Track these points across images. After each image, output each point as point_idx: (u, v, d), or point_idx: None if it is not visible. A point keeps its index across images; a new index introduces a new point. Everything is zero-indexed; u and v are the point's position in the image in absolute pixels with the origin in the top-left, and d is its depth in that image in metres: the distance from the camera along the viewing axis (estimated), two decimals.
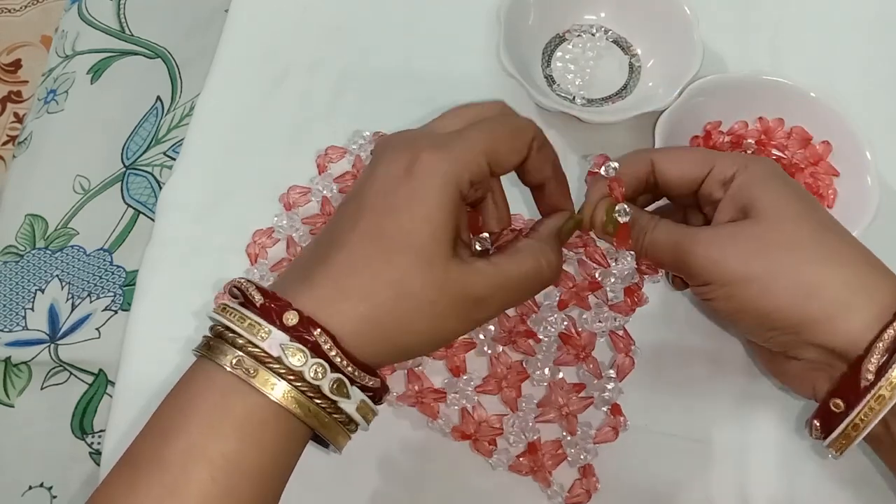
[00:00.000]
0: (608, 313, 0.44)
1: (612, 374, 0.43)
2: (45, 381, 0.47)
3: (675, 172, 0.41)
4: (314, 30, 0.56)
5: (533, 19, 0.53)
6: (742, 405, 0.44)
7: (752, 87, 0.50)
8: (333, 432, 0.33)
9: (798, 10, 0.57)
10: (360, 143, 0.50)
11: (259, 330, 0.31)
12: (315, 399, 0.31)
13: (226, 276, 0.46)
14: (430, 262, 0.33)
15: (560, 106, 0.49)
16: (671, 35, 0.52)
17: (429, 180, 0.34)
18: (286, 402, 0.31)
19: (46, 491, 0.45)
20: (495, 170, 0.37)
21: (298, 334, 0.31)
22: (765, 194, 0.38)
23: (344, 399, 0.32)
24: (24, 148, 0.56)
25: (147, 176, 0.53)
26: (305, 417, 0.31)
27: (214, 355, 0.32)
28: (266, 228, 0.48)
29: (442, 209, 0.33)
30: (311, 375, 0.31)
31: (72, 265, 0.50)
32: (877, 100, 0.53)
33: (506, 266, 0.36)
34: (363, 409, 0.33)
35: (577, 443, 0.42)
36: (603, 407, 0.43)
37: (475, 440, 0.42)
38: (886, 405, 0.33)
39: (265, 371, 0.31)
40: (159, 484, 0.29)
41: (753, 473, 0.42)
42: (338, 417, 0.32)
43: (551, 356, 0.43)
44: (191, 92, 0.56)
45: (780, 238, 0.37)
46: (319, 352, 0.32)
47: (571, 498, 0.41)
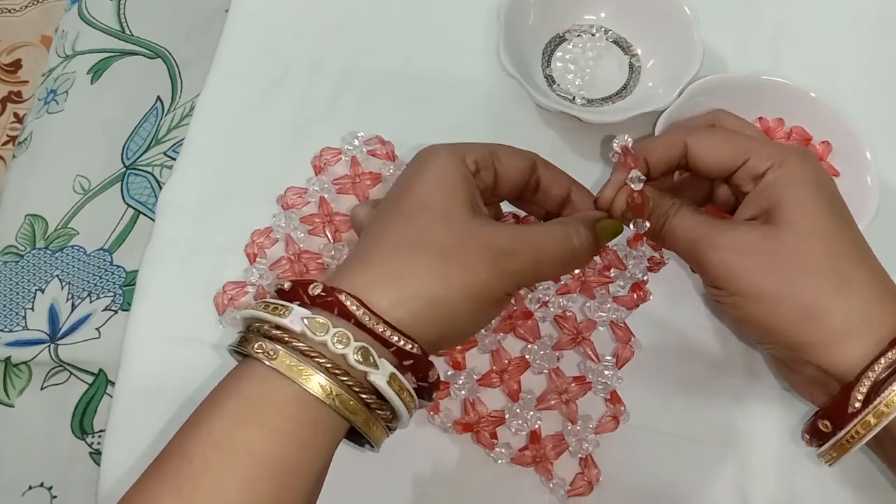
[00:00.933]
0: (611, 304, 0.44)
1: (609, 359, 0.43)
2: (45, 381, 0.47)
3: (709, 159, 0.39)
4: (314, 30, 0.56)
5: (533, 19, 0.53)
6: (742, 405, 0.44)
7: (752, 87, 0.50)
8: (361, 418, 0.31)
9: (798, 10, 0.57)
10: (355, 143, 0.50)
11: (282, 310, 0.32)
12: (340, 377, 0.30)
13: (226, 276, 0.46)
14: (449, 217, 0.35)
15: (560, 106, 0.49)
16: (671, 35, 0.52)
17: (433, 161, 0.36)
18: (307, 383, 0.30)
19: (46, 491, 0.45)
20: (500, 169, 0.38)
21: (323, 301, 0.32)
22: (792, 201, 0.37)
23: (373, 369, 0.31)
24: (24, 148, 0.56)
25: (147, 176, 0.53)
26: (327, 398, 0.30)
27: (242, 346, 0.32)
28: (264, 228, 0.48)
29: (451, 176, 0.36)
30: (333, 345, 0.30)
31: (72, 265, 0.50)
32: (877, 100, 0.53)
33: (533, 228, 0.37)
34: (396, 386, 0.31)
35: (578, 432, 0.42)
36: (602, 394, 0.43)
37: (477, 431, 0.42)
38: (872, 430, 0.34)
39: (287, 352, 0.30)
40: (179, 474, 0.29)
41: (753, 473, 0.42)
42: (367, 399, 0.31)
43: (548, 344, 0.44)
44: (191, 92, 0.56)
45: (796, 258, 0.36)
46: (347, 315, 0.31)
47: (574, 490, 0.41)
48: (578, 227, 0.37)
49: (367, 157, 0.50)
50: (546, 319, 0.45)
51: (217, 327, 0.45)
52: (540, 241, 0.36)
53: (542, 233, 0.37)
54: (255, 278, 0.46)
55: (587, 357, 0.44)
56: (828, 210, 0.37)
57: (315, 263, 0.46)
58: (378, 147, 0.50)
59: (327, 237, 0.47)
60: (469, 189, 0.36)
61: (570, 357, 0.44)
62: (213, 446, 0.30)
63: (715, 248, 0.37)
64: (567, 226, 0.37)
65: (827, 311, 0.35)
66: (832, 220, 0.37)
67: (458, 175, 0.36)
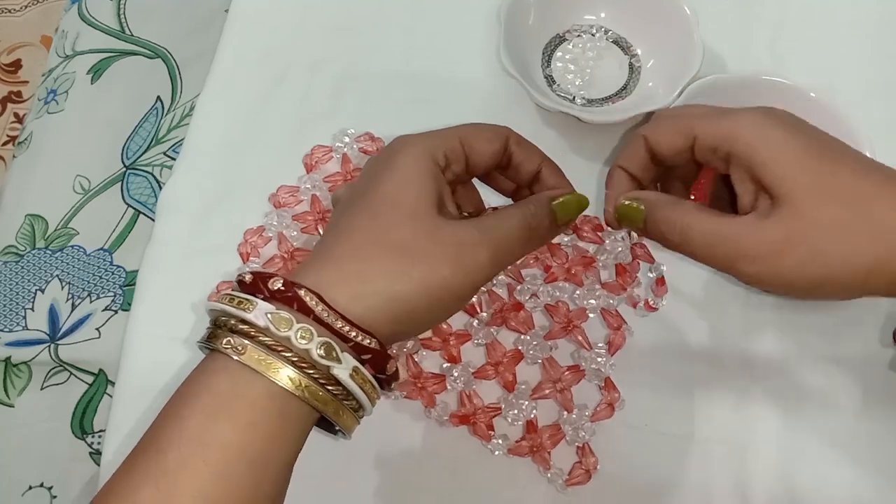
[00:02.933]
0: (600, 291, 0.45)
1: (602, 346, 0.44)
2: (45, 381, 0.47)
3: (660, 147, 0.39)
4: (314, 30, 0.56)
5: (533, 19, 0.53)
6: (742, 405, 0.44)
7: (752, 87, 0.50)
8: (332, 408, 0.32)
9: (798, 10, 0.57)
10: (346, 140, 0.50)
11: (247, 305, 0.32)
12: (307, 370, 0.31)
13: (226, 276, 0.46)
14: (416, 216, 0.35)
15: (560, 106, 0.49)
16: (671, 35, 0.52)
17: (403, 156, 0.36)
18: (276, 376, 0.31)
19: (46, 491, 0.45)
20: (471, 156, 0.38)
21: (283, 296, 0.32)
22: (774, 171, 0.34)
23: (335, 364, 0.32)
24: (24, 148, 0.56)
25: (147, 176, 0.53)
26: (296, 391, 0.31)
27: (210, 342, 0.32)
28: (256, 227, 0.48)
29: (419, 173, 0.36)
30: (297, 341, 0.31)
31: (72, 265, 0.50)
32: (877, 100, 0.53)
33: (492, 219, 0.37)
34: (359, 379, 0.32)
35: (574, 420, 0.42)
36: (595, 381, 0.43)
37: (474, 423, 0.42)
38: None
39: (255, 347, 0.31)
40: (155, 467, 0.30)
41: (753, 473, 0.42)
42: (334, 391, 0.32)
43: (540, 334, 0.44)
44: (191, 92, 0.56)
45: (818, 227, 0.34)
46: (306, 311, 0.32)
47: (572, 479, 0.41)
48: (535, 210, 0.38)
49: (359, 154, 0.50)
50: (537, 309, 0.45)
51: None
52: (500, 238, 0.36)
53: (503, 229, 0.37)
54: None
55: (579, 345, 0.44)
56: (809, 148, 0.35)
57: None
58: (369, 144, 0.50)
59: (319, 235, 0.47)
60: (437, 186, 0.36)
61: (564, 349, 0.45)
62: (188, 440, 0.30)
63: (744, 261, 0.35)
64: (522, 209, 0.38)
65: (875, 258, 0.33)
66: (819, 163, 0.34)
67: (427, 172, 0.36)
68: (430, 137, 0.37)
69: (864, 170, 0.35)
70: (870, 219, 0.33)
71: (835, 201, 0.34)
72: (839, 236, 0.34)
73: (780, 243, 0.34)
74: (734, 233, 0.35)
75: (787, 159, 0.35)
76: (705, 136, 0.37)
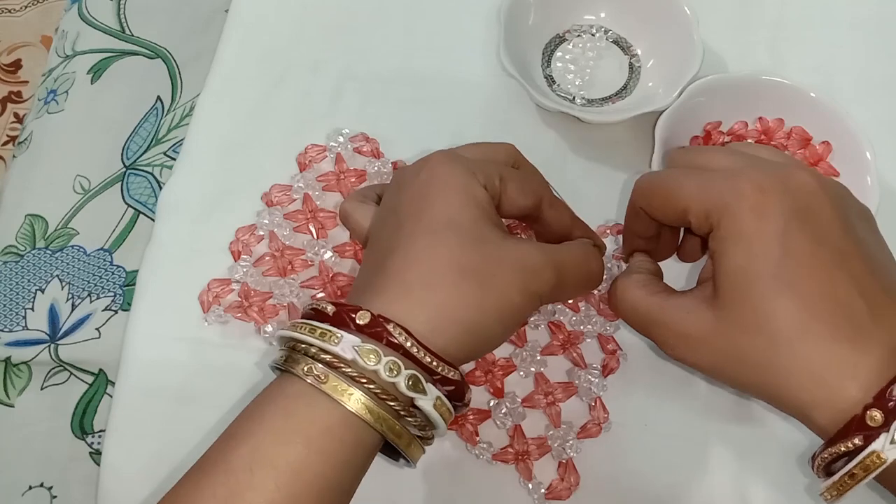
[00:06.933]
0: (597, 317, 0.45)
1: (596, 367, 0.44)
2: (45, 381, 0.47)
3: (655, 214, 0.38)
4: (314, 30, 0.56)
5: (533, 19, 0.53)
6: (742, 405, 0.44)
7: (752, 87, 0.50)
8: (405, 441, 0.33)
9: (798, 10, 0.57)
10: (340, 140, 0.50)
11: (331, 336, 0.32)
12: (388, 401, 0.31)
13: (225, 276, 0.46)
14: (482, 239, 0.34)
15: (560, 106, 0.49)
16: (671, 35, 0.52)
17: (452, 176, 0.36)
18: (355, 406, 0.31)
19: (46, 491, 0.45)
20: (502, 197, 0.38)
21: (372, 331, 0.32)
22: (723, 261, 0.33)
23: (421, 395, 0.32)
24: (24, 148, 0.56)
25: (147, 176, 0.53)
26: (375, 423, 0.31)
27: (288, 366, 0.32)
28: (248, 225, 0.48)
29: (475, 193, 0.35)
30: (385, 374, 0.31)
31: (72, 265, 0.50)
32: (877, 100, 0.53)
33: (556, 248, 0.37)
34: (440, 408, 0.32)
35: (561, 436, 0.42)
36: (586, 399, 0.43)
37: (461, 425, 0.42)
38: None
39: (336, 376, 0.31)
40: (224, 486, 0.30)
41: (753, 474, 0.42)
42: (411, 421, 0.32)
43: (538, 347, 0.44)
44: (191, 92, 0.56)
45: (739, 341, 0.33)
46: (394, 346, 0.32)
47: (551, 493, 0.41)
48: (592, 249, 0.39)
49: (353, 154, 0.50)
50: (539, 326, 0.45)
51: (217, 327, 0.45)
52: (563, 262, 0.36)
53: (566, 253, 0.37)
54: (239, 275, 0.46)
55: (574, 362, 0.44)
56: (783, 262, 0.32)
57: (299, 260, 0.46)
58: (363, 144, 0.50)
59: (311, 234, 0.47)
60: (492, 208, 0.36)
61: (558, 367, 0.44)
62: (260, 462, 0.30)
63: (668, 347, 0.36)
64: (585, 248, 0.39)
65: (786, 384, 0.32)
66: (780, 278, 0.32)
67: (480, 193, 0.36)
68: (472, 161, 0.37)
69: (837, 306, 0.31)
70: (793, 359, 0.32)
71: (766, 326, 0.32)
72: (751, 362, 0.33)
73: (699, 340, 0.34)
74: (665, 319, 0.36)
75: (747, 256, 0.33)
76: (698, 213, 0.35)
